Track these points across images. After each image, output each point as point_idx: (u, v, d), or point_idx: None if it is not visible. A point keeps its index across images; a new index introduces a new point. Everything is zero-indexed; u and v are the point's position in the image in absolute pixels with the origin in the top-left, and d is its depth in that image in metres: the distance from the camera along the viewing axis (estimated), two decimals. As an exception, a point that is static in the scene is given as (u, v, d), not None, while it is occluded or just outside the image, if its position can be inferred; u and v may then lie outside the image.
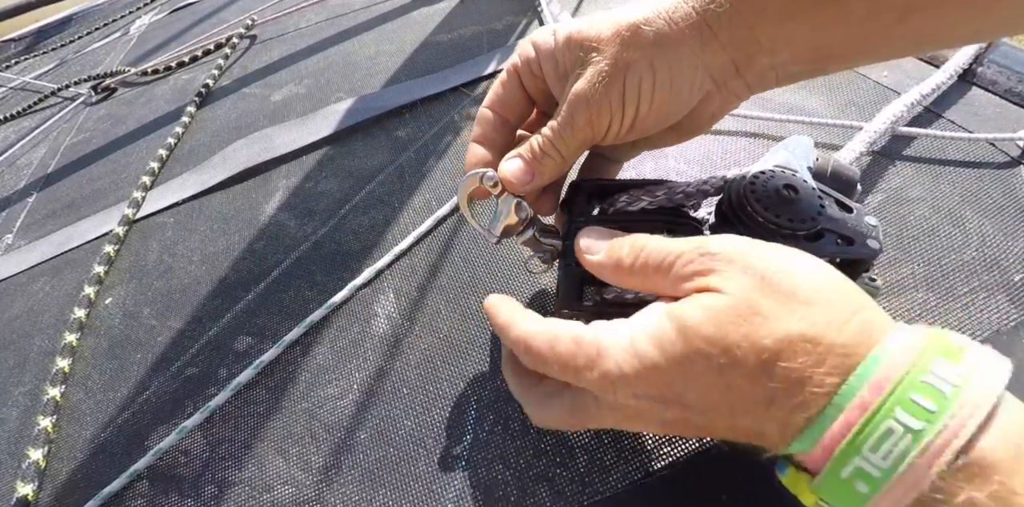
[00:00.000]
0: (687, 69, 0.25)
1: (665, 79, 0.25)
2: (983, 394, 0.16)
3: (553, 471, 0.31)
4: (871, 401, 0.17)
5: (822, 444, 0.18)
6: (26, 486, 0.38)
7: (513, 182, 0.29)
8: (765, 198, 0.27)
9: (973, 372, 0.17)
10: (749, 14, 0.24)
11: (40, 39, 1.57)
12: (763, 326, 0.19)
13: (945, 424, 0.16)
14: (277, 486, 0.35)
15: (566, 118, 0.27)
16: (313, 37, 0.92)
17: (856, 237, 0.28)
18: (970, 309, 0.33)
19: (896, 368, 0.17)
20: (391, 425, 0.36)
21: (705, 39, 0.24)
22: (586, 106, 0.26)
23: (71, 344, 0.49)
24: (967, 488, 0.15)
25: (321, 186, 0.58)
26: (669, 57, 0.25)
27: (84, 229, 0.65)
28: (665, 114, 0.27)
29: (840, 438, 0.17)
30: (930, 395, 0.17)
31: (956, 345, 0.18)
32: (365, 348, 0.41)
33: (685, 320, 0.20)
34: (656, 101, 0.26)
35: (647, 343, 0.21)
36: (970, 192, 0.39)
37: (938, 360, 0.17)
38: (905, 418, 0.17)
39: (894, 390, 0.17)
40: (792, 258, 0.21)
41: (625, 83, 0.25)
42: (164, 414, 0.41)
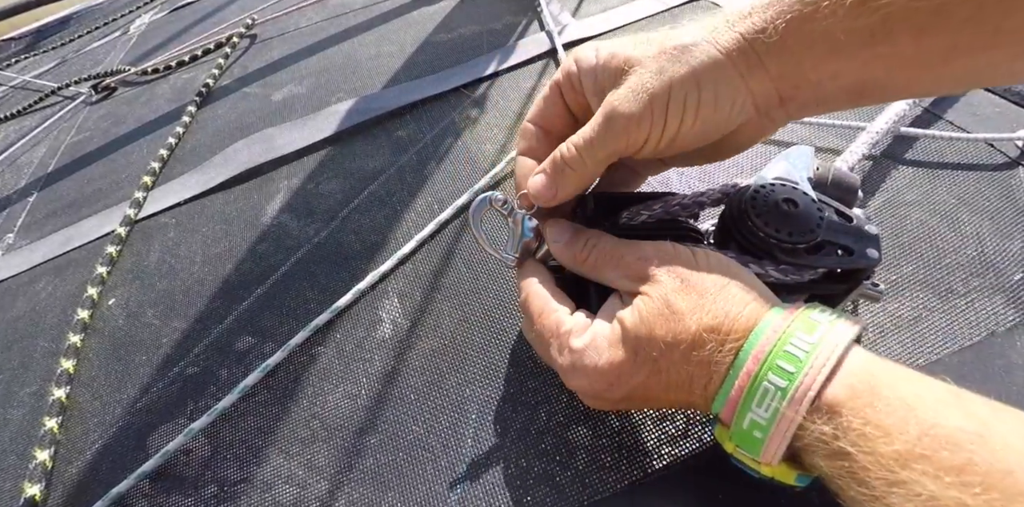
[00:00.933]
0: (732, 91, 0.25)
1: (710, 97, 0.25)
2: (828, 355, 0.22)
3: (554, 471, 0.32)
4: (752, 369, 0.23)
5: (728, 405, 0.23)
6: (33, 487, 0.39)
7: (537, 198, 0.30)
8: (765, 213, 0.28)
9: (821, 340, 0.22)
10: (798, 48, 0.24)
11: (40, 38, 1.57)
12: (680, 323, 0.25)
13: (801, 381, 0.21)
14: (283, 488, 0.35)
15: (601, 126, 0.27)
16: (313, 37, 0.92)
17: (856, 247, 0.28)
18: (967, 310, 0.33)
19: (768, 343, 0.23)
20: (398, 429, 0.36)
21: (751, 66, 0.25)
22: (627, 117, 0.26)
23: (75, 345, 0.49)
24: (820, 423, 0.21)
25: (322, 187, 0.58)
26: (716, 77, 0.25)
27: (86, 229, 0.66)
28: (705, 133, 0.27)
29: (738, 399, 0.23)
30: (790, 360, 0.22)
31: (814, 320, 0.23)
32: (370, 352, 0.41)
33: (627, 324, 0.26)
34: (700, 117, 0.26)
35: (605, 342, 0.26)
36: (968, 193, 0.39)
37: (798, 333, 0.23)
38: (775, 379, 0.22)
39: (766, 359, 0.22)
40: (708, 260, 0.26)
41: (671, 95, 0.25)
42: (168, 415, 0.42)
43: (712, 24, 0.26)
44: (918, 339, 0.33)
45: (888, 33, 0.22)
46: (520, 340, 0.38)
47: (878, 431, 0.19)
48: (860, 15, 0.22)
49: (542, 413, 0.34)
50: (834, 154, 0.44)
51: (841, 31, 0.22)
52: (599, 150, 0.28)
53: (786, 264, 0.28)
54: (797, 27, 0.23)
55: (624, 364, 0.26)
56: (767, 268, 0.28)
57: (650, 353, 0.25)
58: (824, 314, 0.23)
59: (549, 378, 0.36)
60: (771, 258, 0.28)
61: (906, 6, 0.21)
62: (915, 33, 0.22)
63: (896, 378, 0.21)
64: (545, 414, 0.34)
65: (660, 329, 0.25)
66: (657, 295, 0.25)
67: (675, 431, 0.31)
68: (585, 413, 0.34)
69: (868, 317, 0.34)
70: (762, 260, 0.28)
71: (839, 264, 0.28)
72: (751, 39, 0.24)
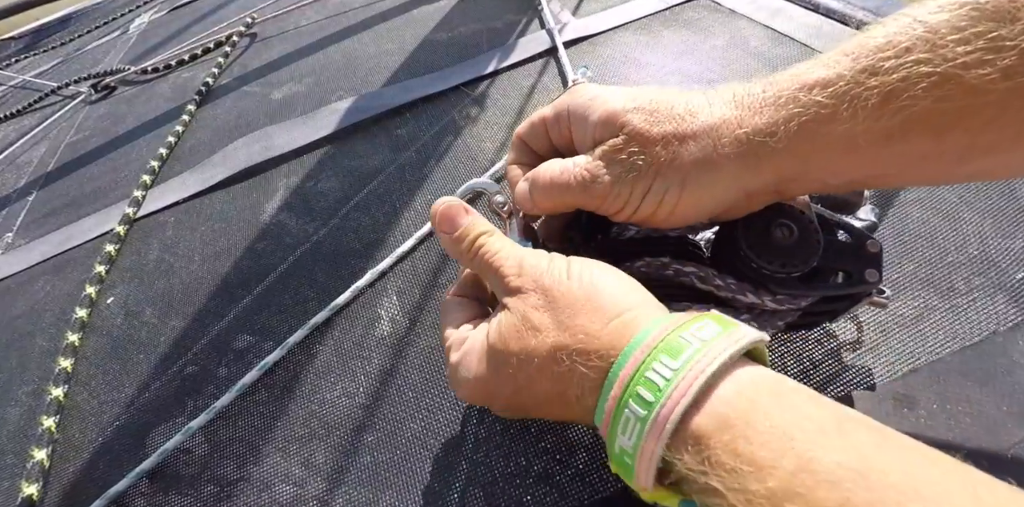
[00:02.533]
0: (719, 191, 0.25)
1: (693, 196, 0.25)
2: (690, 382, 0.19)
3: (554, 469, 0.32)
4: (617, 394, 0.21)
5: (601, 427, 0.22)
6: (31, 486, 0.39)
7: (518, 203, 0.31)
8: (758, 244, 0.27)
9: (686, 365, 0.20)
10: (807, 152, 0.23)
11: (40, 37, 1.57)
12: (533, 338, 0.24)
13: (658, 412, 0.20)
14: (281, 487, 0.35)
15: (583, 182, 0.27)
16: (313, 35, 0.92)
17: (855, 270, 0.27)
18: (969, 309, 0.33)
19: (632, 366, 0.21)
20: (396, 427, 0.36)
21: (749, 167, 0.24)
22: (608, 187, 0.26)
23: (73, 344, 0.49)
24: (687, 457, 0.19)
25: (322, 185, 0.58)
26: (703, 180, 0.25)
27: (85, 228, 0.65)
28: (681, 220, 0.27)
29: (607, 423, 0.22)
30: (650, 388, 0.20)
31: (683, 341, 0.21)
32: (369, 350, 0.41)
33: (489, 338, 0.26)
34: (677, 210, 0.26)
35: (474, 357, 0.27)
36: (969, 192, 0.39)
37: (662, 357, 0.21)
38: (635, 408, 0.20)
39: (628, 385, 0.21)
40: (582, 271, 0.25)
41: (652, 186, 0.25)
42: (166, 414, 0.42)
43: (721, 105, 0.25)
44: (920, 338, 0.33)
45: (906, 133, 0.21)
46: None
47: (750, 466, 0.18)
48: (881, 117, 0.21)
49: (542, 412, 0.34)
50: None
51: (859, 133, 0.22)
52: (571, 197, 0.28)
53: (782, 294, 0.27)
54: (812, 130, 0.22)
55: (488, 379, 0.26)
56: (763, 298, 0.27)
57: (506, 369, 0.25)
58: (702, 331, 0.21)
59: (549, 377, 0.35)
60: (765, 288, 0.27)
61: (930, 108, 0.20)
62: (935, 134, 0.21)
63: (777, 404, 0.19)
64: (545, 413, 0.34)
65: (514, 344, 0.24)
66: (516, 309, 0.25)
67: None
68: (585, 412, 0.33)
69: (869, 316, 0.34)
70: (758, 290, 0.27)
71: (837, 291, 0.28)
72: (757, 143, 0.23)
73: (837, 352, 0.33)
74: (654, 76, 0.57)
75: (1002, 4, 0.19)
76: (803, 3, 0.59)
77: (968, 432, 0.29)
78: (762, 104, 0.24)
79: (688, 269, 0.28)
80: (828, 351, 0.33)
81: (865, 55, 0.21)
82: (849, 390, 0.31)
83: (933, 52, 0.20)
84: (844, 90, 0.22)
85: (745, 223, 0.27)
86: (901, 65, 0.20)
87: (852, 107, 0.21)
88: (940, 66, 0.20)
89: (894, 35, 0.21)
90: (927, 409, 0.30)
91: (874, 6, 0.55)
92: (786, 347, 0.34)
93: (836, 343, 0.33)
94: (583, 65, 0.59)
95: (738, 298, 0.27)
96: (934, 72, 0.20)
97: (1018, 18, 0.19)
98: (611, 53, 0.62)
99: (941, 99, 0.20)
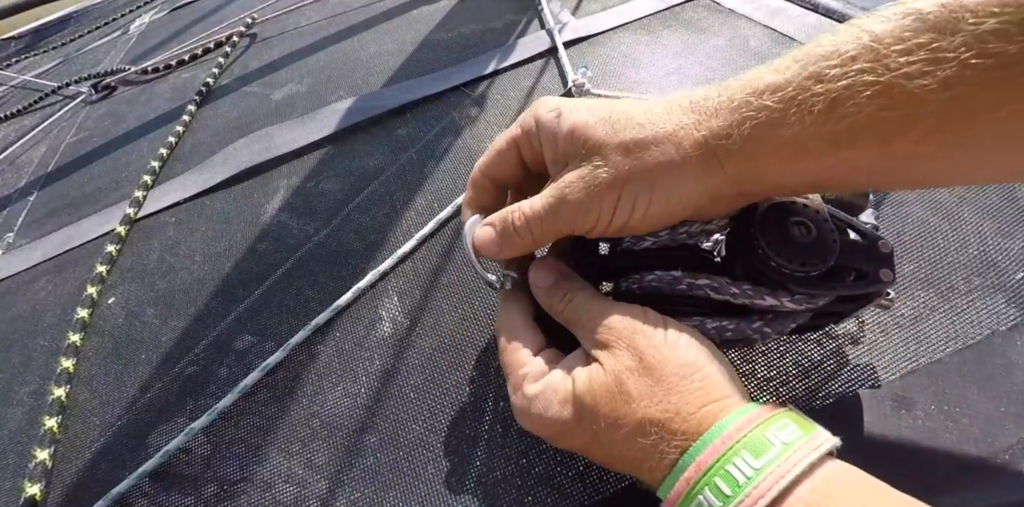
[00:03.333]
0: (687, 192, 0.25)
1: (662, 198, 0.26)
2: (769, 486, 0.20)
3: (555, 470, 0.32)
4: (692, 477, 0.22)
5: (667, 503, 0.23)
6: (34, 486, 0.39)
7: (483, 250, 0.31)
8: (776, 241, 0.26)
9: (767, 467, 0.21)
10: (761, 153, 0.24)
11: (40, 37, 1.57)
12: (626, 405, 0.24)
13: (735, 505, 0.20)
14: (283, 487, 0.35)
15: (551, 208, 0.28)
16: (313, 36, 0.92)
17: (869, 270, 0.27)
18: (968, 309, 0.33)
19: (713, 454, 0.22)
20: (398, 428, 0.36)
21: (711, 168, 0.25)
22: (575, 205, 0.27)
23: (75, 344, 0.49)
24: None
25: (323, 186, 0.58)
26: (670, 182, 0.25)
27: (85, 228, 0.66)
28: (655, 224, 0.27)
29: (675, 501, 0.22)
30: (728, 482, 0.21)
31: (767, 441, 0.22)
32: (370, 351, 0.41)
33: (577, 387, 0.26)
34: (649, 214, 0.26)
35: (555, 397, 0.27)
36: (969, 192, 0.39)
37: (744, 453, 0.21)
38: (710, 497, 0.21)
39: (706, 472, 0.21)
40: (675, 342, 0.25)
41: (621, 195, 0.26)
42: (168, 414, 0.42)
43: (679, 111, 0.25)
44: (919, 338, 0.33)
45: (853, 139, 0.22)
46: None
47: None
48: (827, 122, 0.21)
49: (542, 412, 0.34)
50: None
51: (807, 137, 0.22)
52: (546, 227, 0.28)
53: (800, 294, 0.27)
54: (763, 133, 0.23)
55: (568, 424, 0.26)
56: (782, 299, 0.27)
57: (590, 425, 0.25)
58: (783, 432, 0.22)
59: (549, 377, 0.35)
60: (783, 288, 0.27)
61: (874, 115, 0.21)
62: (879, 141, 0.21)
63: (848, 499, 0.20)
64: (545, 413, 0.34)
65: (605, 406, 0.24)
66: (611, 369, 0.25)
67: (675, 430, 0.31)
68: (585, 412, 0.33)
69: (868, 316, 0.34)
70: (776, 291, 0.27)
71: (854, 290, 0.27)
72: (714, 145, 0.24)
73: (836, 353, 0.33)
74: (654, 76, 0.57)
75: (943, 15, 0.19)
76: (803, 3, 0.59)
77: (966, 433, 0.29)
78: (717, 108, 0.24)
79: (701, 282, 0.28)
80: (828, 352, 0.33)
81: (812, 62, 0.22)
82: (848, 391, 0.31)
83: (877, 62, 0.20)
84: (792, 95, 0.22)
85: (761, 222, 0.27)
86: (846, 73, 0.21)
87: (800, 112, 0.22)
88: (883, 75, 0.20)
89: (841, 44, 0.22)
90: (925, 410, 0.30)
91: (872, 6, 0.55)
92: (786, 347, 0.34)
93: (836, 344, 0.33)
94: (583, 65, 0.59)
95: (756, 303, 0.27)
96: (878, 81, 0.20)
97: (958, 30, 0.19)
98: (611, 53, 0.62)
99: (884, 108, 0.20)
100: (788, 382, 0.32)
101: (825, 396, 0.31)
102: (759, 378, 0.32)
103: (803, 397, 0.31)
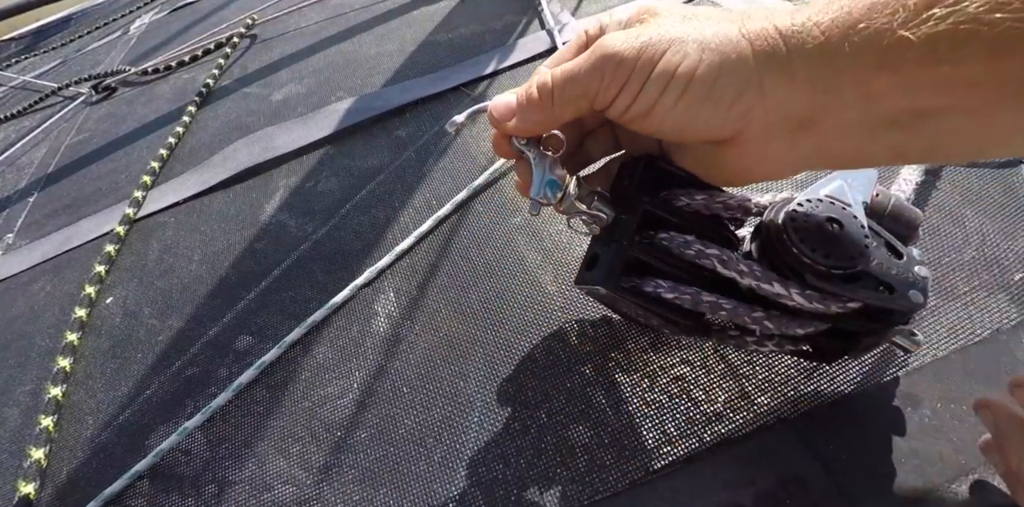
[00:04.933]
0: (738, 82, 0.21)
1: (708, 77, 0.21)
2: None
3: (553, 471, 0.31)
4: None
5: None
6: (28, 485, 0.38)
7: (493, 115, 0.27)
8: (804, 228, 0.25)
9: None
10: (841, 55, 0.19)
11: (40, 38, 1.57)
12: None
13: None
14: (278, 486, 0.35)
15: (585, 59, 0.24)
16: (313, 36, 0.92)
17: (898, 286, 0.26)
18: (971, 308, 0.33)
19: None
20: (391, 424, 0.36)
21: (776, 63, 0.20)
22: (610, 56, 0.23)
23: (72, 343, 0.49)
24: None
25: (322, 186, 0.58)
26: (724, 57, 0.21)
27: (85, 228, 0.66)
28: (684, 123, 0.23)
29: None
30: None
31: None
32: (365, 347, 0.41)
33: None
34: (686, 98, 0.22)
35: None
36: (971, 191, 0.39)
37: None
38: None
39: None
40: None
41: (664, 56, 0.21)
42: (165, 414, 0.41)
43: (748, 12, 0.22)
44: (924, 335, 0.32)
45: (955, 48, 0.17)
46: (519, 336, 0.38)
47: None
48: (923, 23, 0.17)
49: (542, 411, 0.34)
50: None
51: (897, 43, 0.18)
52: (571, 86, 0.24)
53: (813, 289, 0.25)
54: (844, 30, 0.19)
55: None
56: (790, 290, 0.25)
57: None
58: None
59: (549, 375, 0.35)
60: (799, 279, 0.25)
61: (979, 17, 0.16)
62: (988, 52, 0.17)
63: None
64: (545, 412, 0.34)
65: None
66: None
67: (675, 431, 0.31)
68: (585, 412, 0.33)
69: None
70: (788, 280, 0.25)
71: (874, 300, 0.25)
72: (786, 34, 0.20)
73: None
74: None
75: None
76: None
77: (972, 431, 0.29)
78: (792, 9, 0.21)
79: (711, 251, 0.26)
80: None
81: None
82: (855, 389, 0.31)
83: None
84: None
85: (793, 211, 0.26)
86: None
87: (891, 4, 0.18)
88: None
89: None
90: (931, 408, 0.30)
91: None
92: (787, 346, 0.33)
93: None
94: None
95: (763, 286, 0.26)
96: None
97: None
98: (611, 53, 0.62)
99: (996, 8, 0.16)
100: (791, 382, 0.32)
101: (831, 394, 0.31)
102: (760, 379, 0.32)
103: (809, 396, 0.31)
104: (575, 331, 0.37)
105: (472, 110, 0.30)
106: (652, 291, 0.27)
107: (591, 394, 0.34)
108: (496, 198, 0.49)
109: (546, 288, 0.40)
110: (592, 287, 0.29)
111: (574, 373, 0.35)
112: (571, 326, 0.37)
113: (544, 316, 0.38)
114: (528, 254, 0.43)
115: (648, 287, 0.27)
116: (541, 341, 0.37)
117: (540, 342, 0.37)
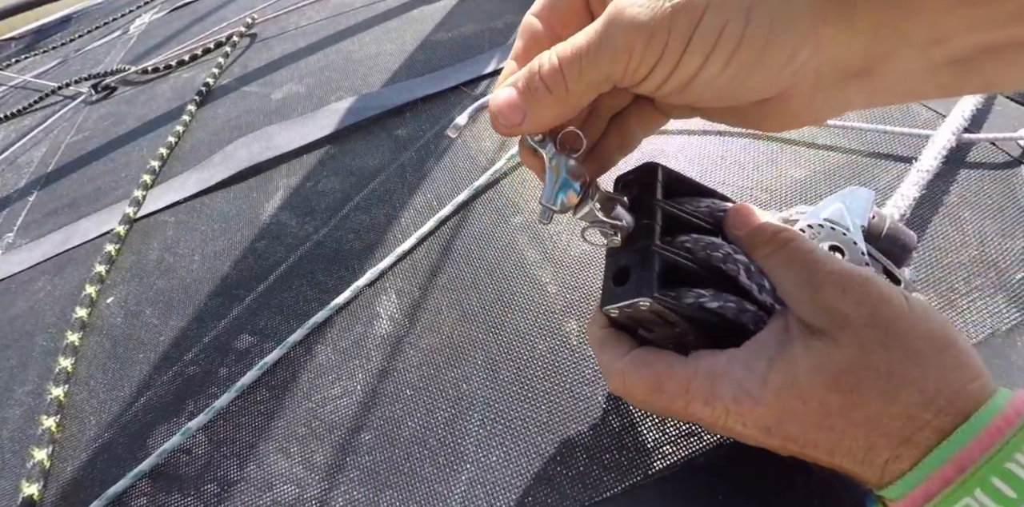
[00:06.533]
0: (794, 38, 0.18)
1: (759, 36, 0.17)
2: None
3: (554, 471, 0.32)
4: (953, 478, 0.18)
5: (910, 499, 0.19)
6: (31, 486, 0.39)
7: (500, 117, 0.22)
8: None
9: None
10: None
11: (40, 38, 1.57)
12: (875, 385, 0.19)
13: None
14: (281, 486, 0.35)
15: (597, 34, 0.19)
16: (313, 36, 0.92)
17: None
18: (969, 310, 0.33)
19: (982, 449, 0.18)
20: (395, 426, 0.36)
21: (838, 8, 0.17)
22: (632, 26, 0.18)
23: (73, 343, 0.49)
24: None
25: (322, 185, 0.58)
26: (777, 10, 0.17)
27: (85, 228, 0.66)
28: (734, 86, 0.19)
29: (924, 501, 0.18)
30: (1011, 482, 0.17)
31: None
32: (368, 349, 0.41)
33: (798, 367, 0.21)
34: (735, 62, 0.18)
35: (758, 383, 0.21)
36: (970, 192, 0.39)
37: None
38: (984, 499, 0.17)
39: (976, 471, 0.18)
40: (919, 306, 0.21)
41: (702, 20, 0.17)
42: (166, 413, 0.42)
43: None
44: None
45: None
46: (520, 337, 0.38)
47: None
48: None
49: (542, 411, 0.34)
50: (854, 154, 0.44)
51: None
52: (588, 69, 0.20)
53: None
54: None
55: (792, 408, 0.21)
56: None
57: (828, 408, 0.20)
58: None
59: (549, 376, 0.35)
60: None
61: None
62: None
63: None
64: (545, 412, 0.34)
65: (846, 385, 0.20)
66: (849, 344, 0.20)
67: (676, 431, 0.31)
68: (586, 412, 0.33)
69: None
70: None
71: None
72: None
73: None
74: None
75: None
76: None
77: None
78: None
79: (740, 257, 0.25)
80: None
81: None
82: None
83: None
84: None
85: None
86: None
87: None
88: None
89: None
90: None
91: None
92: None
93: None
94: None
95: (775, 305, 0.25)
96: None
97: None
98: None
99: None
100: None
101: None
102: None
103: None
104: (576, 332, 0.37)
105: (473, 108, 0.26)
106: (694, 301, 0.25)
107: (592, 394, 0.34)
108: (497, 198, 0.49)
109: (547, 289, 0.40)
110: (632, 302, 0.25)
111: (575, 373, 0.35)
112: (572, 327, 0.38)
113: (545, 317, 0.39)
114: (529, 255, 0.43)
115: (689, 298, 0.25)
116: (542, 342, 0.37)
117: (541, 343, 0.37)
